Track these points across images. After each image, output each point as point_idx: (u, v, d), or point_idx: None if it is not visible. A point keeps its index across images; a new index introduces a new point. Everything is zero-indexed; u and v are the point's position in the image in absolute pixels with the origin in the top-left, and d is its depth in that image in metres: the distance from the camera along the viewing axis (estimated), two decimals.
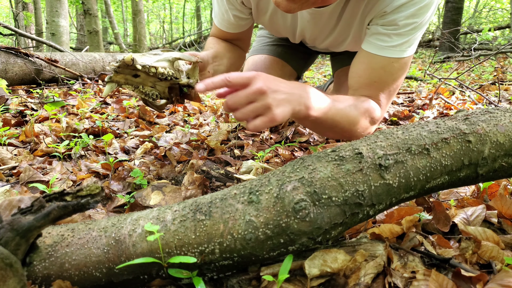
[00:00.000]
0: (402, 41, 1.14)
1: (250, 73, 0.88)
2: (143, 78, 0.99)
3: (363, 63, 1.22)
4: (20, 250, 0.51)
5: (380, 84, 1.21)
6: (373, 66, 1.19)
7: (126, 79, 0.98)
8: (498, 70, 5.11)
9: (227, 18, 1.39)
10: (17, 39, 6.90)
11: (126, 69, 0.95)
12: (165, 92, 1.05)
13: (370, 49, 1.19)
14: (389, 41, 1.15)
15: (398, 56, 1.16)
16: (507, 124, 0.70)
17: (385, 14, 1.13)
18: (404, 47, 1.16)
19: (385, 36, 1.15)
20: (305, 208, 0.59)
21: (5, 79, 2.48)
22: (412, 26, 1.12)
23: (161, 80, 1.01)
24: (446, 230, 0.78)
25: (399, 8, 1.09)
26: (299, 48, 1.81)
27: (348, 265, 0.62)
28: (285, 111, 0.90)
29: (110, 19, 10.14)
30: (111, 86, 0.96)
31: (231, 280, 0.63)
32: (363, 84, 1.22)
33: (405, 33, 1.13)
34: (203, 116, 2.23)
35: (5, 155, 1.30)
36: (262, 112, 0.88)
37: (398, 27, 1.12)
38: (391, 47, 1.15)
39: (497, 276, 0.59)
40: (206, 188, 1.09)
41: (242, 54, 1.57)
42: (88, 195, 0.55)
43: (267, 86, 0.87)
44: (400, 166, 0.64)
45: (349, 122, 1.14)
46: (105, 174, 1.21)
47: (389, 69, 1.19)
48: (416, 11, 1.08)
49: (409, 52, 1.18)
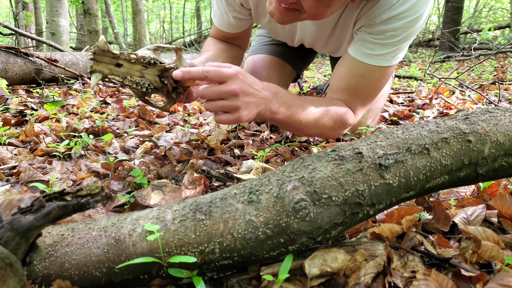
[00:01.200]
0: (387, 51, 1.15)
1: (228, 71, 0.91)
2: (127, 67, 0.98)
3: (345, 67, 1.23)
4: (20, 250, 0.51)
5: (357, 91, 1.22)
6: (354, 72, 1.20)
7: (110, 69, 0.97)
8: (498, 70, 5.11)
9: (226, 19, 1.39)
10: (17, 39, 6.90)
11: (105, 57, 0.94)
12: (156, 81, 1.03)
13: (354, 54, 1.20)
14: (374, 49, 1.16)
15: (380, 64, 1.17)
16: (507, 124, 0.70)
17: (374, 24, 1.14)
18: (387, 57, 1.16)
19: (370, 44, 1.16)
20: (305, 207, 0.59)
21: (5, 79, 2.48)
22: (399, 37, 1.12)
23: (146, 68, 0.99)
24: (446, 229, 0.78)
25: (388, 20, 1.10)
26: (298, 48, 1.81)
27: (348, 264, 0.62)
28: (251, 114, 0.96)
29: (110, 18, 10.14)
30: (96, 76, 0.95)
31: (231, 279, 0.63)
32: (340, 88, 1.24)
33: (391, 43, 1.14)
34: (203, 115, 2.23)
35: (5, 155, 1.30)
36: (230, 110, 0.94)
37: (385, 38, 1.13)
38: (375, 56, 1.16)
39: (497, 275, 0.59)
40: (206, 188, 1.09)
41: (240, 53, 1.57)
42: (88, 194, 0.55)
43: (241, 89, 0.91)
44: (400, 165, 0.64)
45: (317, 126, 1.16)
46: (105, 173, 1.21)
47: (369, 77, 1.19)
48: (404, 24, 1.09)
49: (393, 62, 1.18)
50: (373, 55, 1.16)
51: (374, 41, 1.15)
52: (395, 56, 1.17)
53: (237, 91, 0.90)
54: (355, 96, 1.23)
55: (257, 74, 1.71)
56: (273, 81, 1.73)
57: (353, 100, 1.23)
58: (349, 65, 1.21)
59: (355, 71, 1.20)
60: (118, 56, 0.94)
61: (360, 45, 1.18)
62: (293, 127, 1.14)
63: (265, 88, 1.00)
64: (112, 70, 0.97)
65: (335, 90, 1.25)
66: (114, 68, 0.97)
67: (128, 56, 0.95)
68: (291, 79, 1.86)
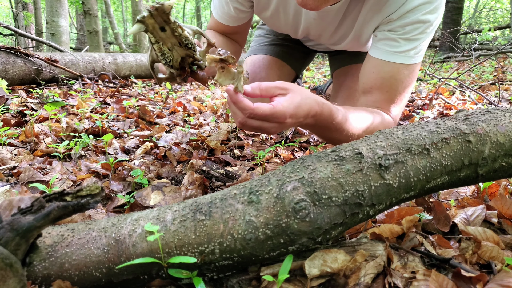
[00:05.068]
0: (410, 46, 1.13)
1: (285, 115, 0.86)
2: (167, 35, 0.97)
3: (372, 73, 1.19)
4: (20, 250, 0.51)
5: (391, 94, 1.18)
6: (383, 75, 1.17)
7: (154, 27, 0.95)
8: (498, 70, 5.11)
9: (227, 10, 1.37)
10: (17, 39, 6.90)
11: (159, 17, 0.93)
12: (177, 61, 1.03)
13: (378, 55, 1.17)
14: (398, 46, 1.13)
15: (407, 62, 1.14)
16: (507, 124, 0.70)
17: (392, 20, 1.12)
18: (412, 53, 1.14)
19: (393, 41, 1.14)
20: (305, 208, 0.59)
21: (5, 79, 2.48)
22: (420, 30, 1.10)
23: (180, 46, 0.99)
24: (446, 230, 0.78)
25: (406, 14, 1.09)
26: (297, 48, 1.81)
27: (348, 265, 0.62)
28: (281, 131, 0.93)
29: (110, 19, 10.14)
30: (139, 27, 0.93)
31: (231, 280, 0.63)
32: (374, 95, 1.20)
33: (413, 37, 1.11)
34: (203, 116, 2.23)
35: (5, 155, 1.30)
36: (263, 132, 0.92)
37: (406, 32, 1.11)
38: (400, 53, 1.14)
39: (497, 276, 0.59)
40: (206, 188, 1.09)
41: (238, 49, 1.56)
42: (88, 195, 0.55)
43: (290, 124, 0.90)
44: (400, 166, 0.64)
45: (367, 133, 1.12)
46: (105, 174, 1.21)
47: (399, 77, 1.16)
48: (422, 15, 1.07)
49: (417, 58, 1.16)
50: (397, 52, 1.14)
51: (395, 37, 1.13)
52: (418, 52, 1.15)
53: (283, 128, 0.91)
54: (390, 100, 1.19)
55: (257, 75, 1.71)
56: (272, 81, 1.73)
57: (389, 104, 1.19)
58: (376, 69, 1.18)
59: (384, 74, 1.16)
60: (170, 23, 0.93)
61: (382, 44, 1.16)
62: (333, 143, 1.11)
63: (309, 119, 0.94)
64: (154, 29, 0.96)
65: (369, 97, 1.21)
66: (157, 28, 0.96)
67: (176, 28, 0.94)
68: (290, 79, 1.86)
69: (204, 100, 2.82)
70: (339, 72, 1.81)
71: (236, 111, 0.89)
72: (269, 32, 1.86)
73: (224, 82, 0.91)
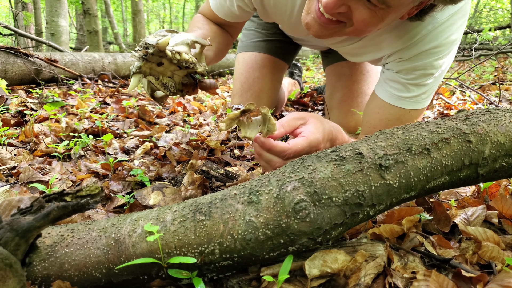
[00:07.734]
0: (419, 92, 1.08)
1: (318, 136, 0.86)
2: (165, 67, 0.89)
3: (377, 113, 1.15)
4: (19, 251, 0.51)
5: None
6: (388, 117, 1.13)
7: (151, 68, 0.87)
8: (499, 70, 5.11)
9: (229, 5, 1.26)
10: (17, 39, 6.89)
11: (155, 57, 0.84)
12: (179, 83, 0.97)
13: (385, 98, 1.13)
14: (406, 92, 1.09)
15: (414, 107, 1.10)
16: (507, 124, 0.70)
17: (402, 60, 1.07)
18: (420, 99, 1.10)
19: (401, 85, 1.09)
20: (305, 208, 0.59)
21: (4, 79, 2.48)
22: (430, 76, 1.05)
23: (180, 69, 0.92)
24: (446, 230, 0.78)
25: (417, 56, 1.03)
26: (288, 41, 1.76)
27: (348, 265, 0.62)
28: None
29: (109, 19, 10.14)
30: (138, 78, 0.84)
31: (231, 280, 0.63)
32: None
33: (422, 83, 1.07)
34: (203, 116, 2.23)
35: (4, 155, 1.30)
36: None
37: (416, 77, 1.06)
38: (408, 98, 1.09)
39: (498, 276, 0.59)
40: (206, 188, 1.09)
41: (230, 41, 1.45)
42: (88, 195, 0.55)
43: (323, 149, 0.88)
44: (400, 166, 0.64)
45: None
46: (104, 174, 1.21)
47: (405, 119, 1.12)
48: (434, 61, 1.02)
49: (425, 103, 1.12)
50: (406, 97, 1.08)
51: (404, 82, 1.07)
52: (428, 96, 1.10)
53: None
54: None
55: (250, 74, 1.68)
56: (266, 80, 1.69)
57: None
58: (381, 110, 1.14)
59: (390, 116, 1.12)
60: (167, 55, 0.84)
61: (390, 87, 1.11)
62: None
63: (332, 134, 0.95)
64: (152, 70, 0.88)
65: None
66: (155, 67, 0.87)
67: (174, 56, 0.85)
68: (283, 73, 1.84)
69: (204, 100, 2.82)
70: (330, 68, 1.77)
71: (272, 158, 0.83)
72: (260, 26, 1.77)
73: (253, 134, 0.81)
